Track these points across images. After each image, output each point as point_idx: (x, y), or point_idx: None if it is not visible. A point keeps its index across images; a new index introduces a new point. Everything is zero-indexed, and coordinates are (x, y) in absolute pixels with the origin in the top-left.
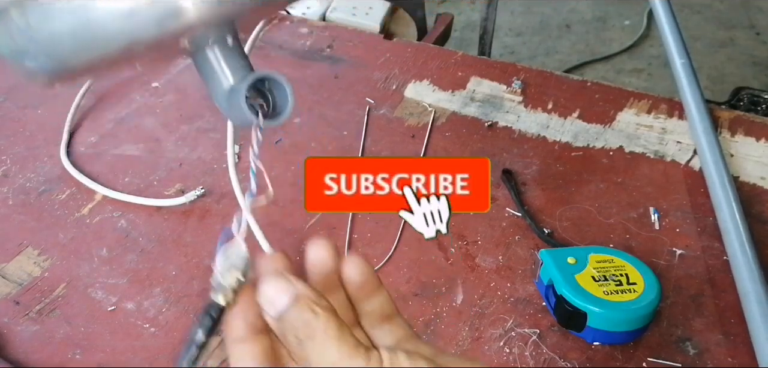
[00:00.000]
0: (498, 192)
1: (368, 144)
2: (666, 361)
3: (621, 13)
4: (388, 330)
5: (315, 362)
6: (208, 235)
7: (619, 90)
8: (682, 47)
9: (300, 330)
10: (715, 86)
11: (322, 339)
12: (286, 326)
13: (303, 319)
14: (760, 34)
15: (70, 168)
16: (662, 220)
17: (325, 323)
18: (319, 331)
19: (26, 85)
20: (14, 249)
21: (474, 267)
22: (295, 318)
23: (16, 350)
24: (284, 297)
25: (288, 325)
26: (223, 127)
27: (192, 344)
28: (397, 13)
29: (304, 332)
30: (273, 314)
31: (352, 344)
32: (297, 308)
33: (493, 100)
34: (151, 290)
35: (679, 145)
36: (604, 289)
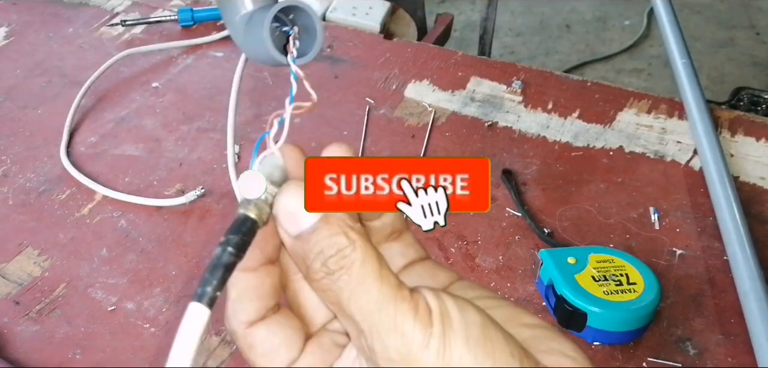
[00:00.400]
0: (498, 192)
1: (368, 144)
2: (666, 361)
3: (621, 13)
4: (397, 251)
5: (345, 300)
6: (208, 235)
7: (619, 90)
8: (682, 47)
9: (332, 258)
10: (715, 86)
11: (359, 275)
12: (311, 249)
13: (336, 244)
14: (760, 34)
15: (70, 168)
16: (662, 220)
17: (363, 254)
18: (357, 263)
19: (26, 85)
20: (14, 249)
21: (474, 267)
22: (326, 241)
23: (16, 350)
24: (312, 214)
25: (314, 249)
26: (223, 126)
27: (219, 265)
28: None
29: (337, 261)
30: (295, 230)
31: (394, 284)
32: (329, 229)
33: (493, 100)
34: (151, 290)
35: (679, 145)
36: (604, 289)
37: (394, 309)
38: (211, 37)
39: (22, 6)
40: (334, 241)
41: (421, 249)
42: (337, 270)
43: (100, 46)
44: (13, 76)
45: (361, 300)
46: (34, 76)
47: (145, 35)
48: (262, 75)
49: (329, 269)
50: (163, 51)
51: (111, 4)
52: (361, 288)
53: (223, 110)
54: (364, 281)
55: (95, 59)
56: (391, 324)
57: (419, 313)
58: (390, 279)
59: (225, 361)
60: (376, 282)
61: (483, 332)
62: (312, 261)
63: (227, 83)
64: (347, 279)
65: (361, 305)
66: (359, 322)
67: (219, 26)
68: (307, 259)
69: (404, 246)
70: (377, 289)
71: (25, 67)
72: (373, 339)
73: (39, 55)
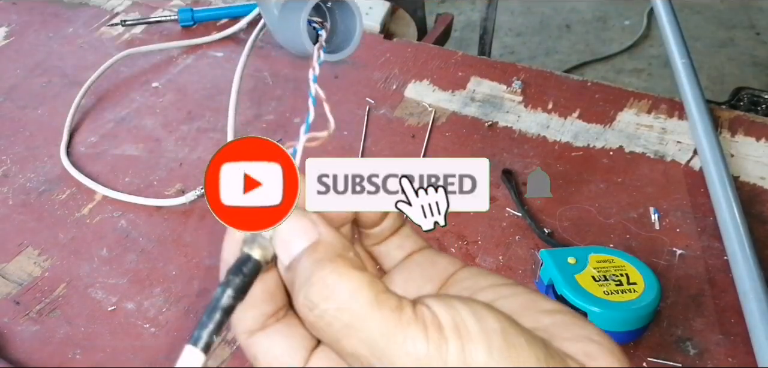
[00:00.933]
0: (498, 192)
1: (368, 144)
2: (666, 361)
3: (621, 13)
4: (395, 244)
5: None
6: (209, 235)
7: (619, 90)
8: (683, 47)
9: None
10: (715, 86)
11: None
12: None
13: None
14: (760, 34)
15: (70, 168)
16: (662, 220)
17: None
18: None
19: (26, 85)
20: (14, 249)
21: None
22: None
23: (16, 350)
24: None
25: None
26: (223, 126)
27: (216, 308)
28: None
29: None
30: (286, 260)
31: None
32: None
33: (493, 100)
34: (151, 290)
35: (680, 145)
36: (604, 289)
37: (403, 334)
38: (211, 37)
39: (22, 6)
40: (316, 270)
41: (420, 239)
42: (321, 303)
43: (100, 46)
44: (13, 76)
45: (362, 334)
46: (34, 76)
47: (145, 35)
48: (262, 75)
49: (312, 303)
50: (163, 51)
51: (111, 4)
52: (358, 322)
53: (223, 110)
54: (358, 313)
55: (95, 59)
56: (401, 351)
57: (430, 330)
58: (388, 302)
59: (225, 361)
60: (374, 310)
61: (505, 339)
62: (297, 293)
63: (227, 83)
64: (335, 314)
65: (362, 338)
66: (366, 357)
67: (219, 26)
68: (294, 293)
69: (402, 238)
70: (378, 318)
71: (25, 67)
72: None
73: (39, 55)
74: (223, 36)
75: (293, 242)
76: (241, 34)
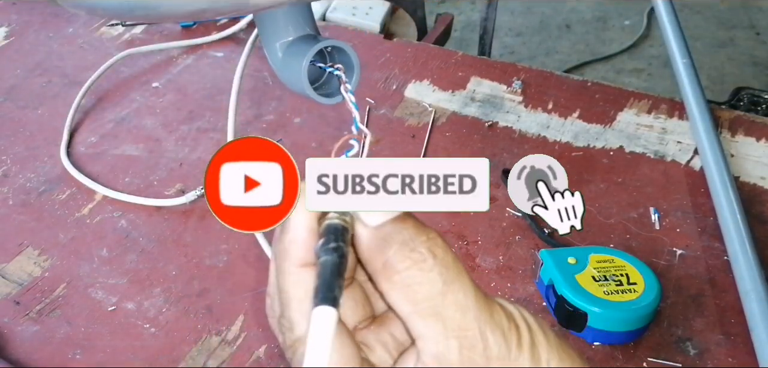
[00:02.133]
0: (498, 193)
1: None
2: (666, 361)
3: (621, 13)
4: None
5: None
6: (208, 235)
7: (619, 90)
8: (683, 47)
9: (422, 246)
10: (715, 86)
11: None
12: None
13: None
14: (760, 34)
15: (70, 168)
16: (662, 220)
17: (453, 254)
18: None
19: (26, 85)
20: (14, 249)
21: (474, 267)
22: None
23: (16, 350)
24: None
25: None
26: (223, 127)
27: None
28: (397, 13)
29: (428, 249)
30: (375, 222)
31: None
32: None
33: (493, 100)
34: (151, 290)
35: (680, 145)
36: (604, 289)
37: (491, 306)
38: (211, 37)
39: (22, 6)
40: (422, 231)
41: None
42: (431, 259)
43: (100, 46)
44: (13, 76)
45: (459, 295)
46: (34, 76)
47: (145, 35)
48: (262, 75)
49: (420, 257)
50: (163, 51)
51: None
52: (458, 283)
53: (223, 110)
54: (460, 276)
55: (95, 59)
56: (491, 324)
57: (506, 311)
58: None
59: (225, 361)
60: (471, 283)
61: (557, 339)
62: (396, 251)
63: (227, 83)
64: (443, 271)
65: (458, 299)
66: (456, 319)
67: (219, 26)
68: (388, 250)
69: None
70: (473, 286)
71: (25, 67)
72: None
73: (39, 55)
74: (223, 36)
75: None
76: (241, 34)
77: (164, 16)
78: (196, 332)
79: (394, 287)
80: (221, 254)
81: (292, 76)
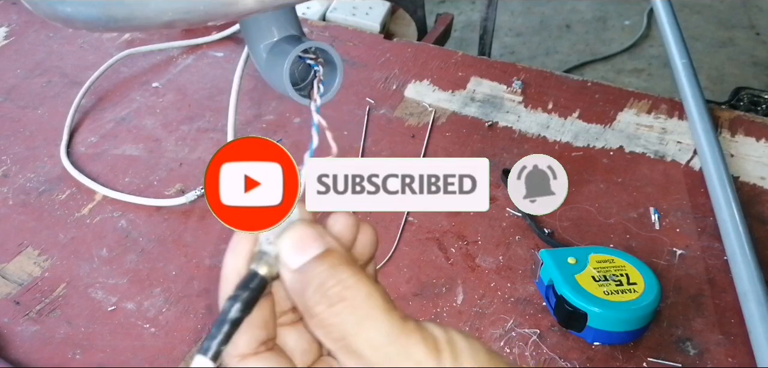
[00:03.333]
0: (498, 193)
1: (368, 144)
2: (666, 361)
3: (621, 13)
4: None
5: (351, 333)
6: (208, 235)
7: (619, 90)
8: (682, 47)
9: (333, 288)
10: (715, 86)
11: (365, 307)
12: (311, 281)
13: (337, 275)
14: (760, 34)
15: (70, 168)
16: (662, 220)
17: (367, 287)
18: (362, 295)
19: (26, 85)
20: (14, 249)
21: (474, 267)
22: (327, 272)
23: (16, 350)
24: (315, 246)
25: (315, 281)
26: (223, 126)
27: (224, 321)
28: (397, 13)
29: (339, 293)
30: (296, 263)
31: (401, 317)
32: (331, 260)
33: (493, 100)
34: (151, 290)
35: (680, 145)
36: (604, 289)
37: (406, 339)
38: (211, 37)
39: (22, 6)
40: (336, 272)
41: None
42: (339, 303)
43: (100, 46)
44: (13, 76)
45: (370, 333)
46: (34, 76)
47: (145, 35)
48: None
49: (331, 300)
50: (163, 51)
51: None
52: (369, 322)
53: (223, 110)
54: (371, 313)
55: (95, 59)
56: (404, 354)
57: (428, 342)
58: (395, 312)
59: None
60: (384, 314)
61: (489, 356)
62: (312, 293)
63: (227, 83)
64: (352, 311)
65: (369, 338)
66: (369, 357)
67: (219, 26)
68: (306, 293)
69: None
70: (387, 321)
71: (25, 67)
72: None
73: (39, 55)
74: (223, 36)
75: (307, 248)
76: (241, 34)
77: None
78: (196, 332)
79: (316, 328)
80: (221, 254)
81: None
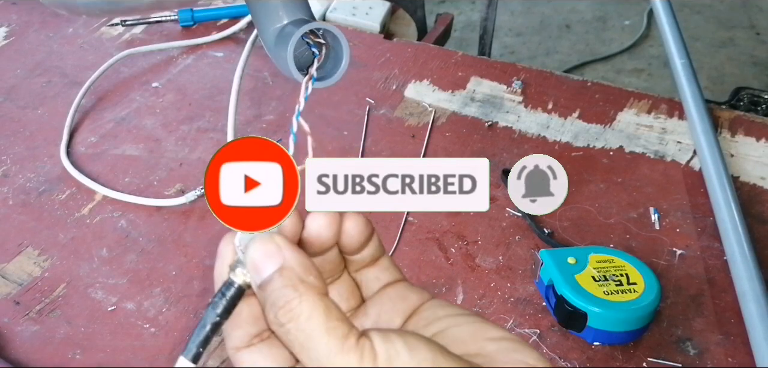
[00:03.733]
0: (498, 193)
1: (368, 144)
2: (666, 361)
3: (621, 13)
4: (372, 276)
5: (298, 351)
6: (208, 235)
7: (619, 90)
8: (682, 47)
9: (281, 310)
10: (715, 86)
11: (306, 326)
12: (266, 300)
13: (284, 297)
14: (760, 34)
15: (70, 168)
16: (662, 220)
17: (310, 306)
18: (303, 317)
19: (26, 85)
20: (14, 249)
21: (474, 267)
22: (277, 293)
23: (16, 350)
24: (270, 265)
25: (268, 300)
26: (223, 126)
27: (204, 325)
28: (397, 13)
29: (285, 314)
30: (256, 281)
31: (341, 334)
32: (281, 280)
33: (493, 100)
34: (151, 290)
35: (680, 145)
36: (604, 289)
37: (341, 358)
38: (211, 37)
39: (22, 6)
40: (282, 294)
41: (397, 271)
42: (287, 323)
43: (100, 46)
44: (13, 76)
45: (311, 352)
46: (34, 76)
47: (145, 35)
48: (262, 75)
49: (279, 321)
50: (163, 51)
51: None
52: (309, 341)
53: (223, 110)
54: (311, 335)
55: (95, 59)
56: None
57: (364, 359)
58: (337, 329)
59: (225, 361)
60: (323, 335)
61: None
62: (268, 310)
63: (227, 83)
64: (296, 333)
65: (310, 356)
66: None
67: (219, 26)
68: (266, 309)
69: (379, 270)
70: (325, 343)
71: (25, 67)
72: None
73: (39, 55)
74: (223, 36)
75: (262, 266)
76: (241, 34)
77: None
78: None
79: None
80: None
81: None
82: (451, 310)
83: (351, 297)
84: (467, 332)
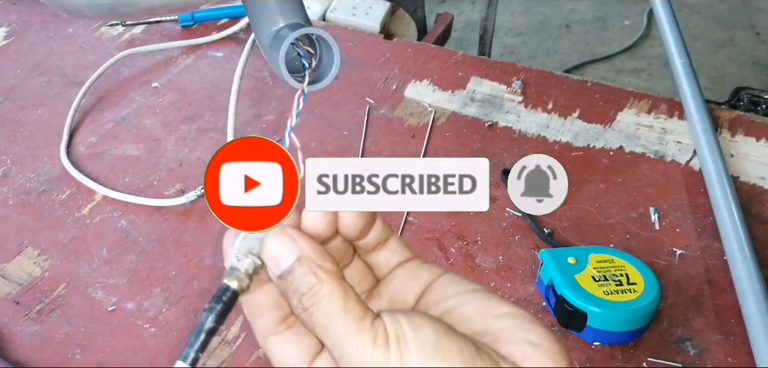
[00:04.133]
0: (498, 193)
1: (368, 144)
2: (666, 361)
3: (621, 13)
4: (383, 258)
5: (320, 332)
6: (208, 235)
7: (619, 90)
8: (682, 47)
9: (304, 295)
10: (715, 86)
11: (326, 308)
12: (289, 288)
13: (307, 283)
14: (760, 34)
15: (70, 168)
16: (662, 220)
17: (329, 290)
18: (324, 299)
19: (26, 85)
20: (14, 249)
21: (474, 267)
22: (300, 280)
23: (16, 350)
24: (288, 255)
25: (291, 288)
26: (223, 126)
27: (201, 331)
28: (397, 13)
29: (309, 298)
30: (276, 272)
31: (357, 315)
32: (301, 269)
33: (493, 100)
34: (151, 290)
35: (679, 145)
36: (604, 289)
37: (357, 338)
38: (211, 37)
39: (22, 6)
40: (305, 281)
41: (407, 251)
42: (310, 307)
43: (100, 46)
44: (13, 76)
45: (331, 332)
46: (34, 76)
47: (145, 35)
48: (262, 75)
49: (303, 305)
50: (163, 51)
51: None
52: (329, 322)
53: (223, 110)
54: (330, 315)
55: (95, 59)
56: (355, 351)
57: (378, 339)
58: (354, 311)
59: (225, 361)
60: (340, 315)
61: (436, 348)
62: (290, 298)
63: (227, 83)
64: (318, 315)
65: (330, 336)
66: (332, 351)
67: (219, 26)
68: (289, 298)
69: (389, 252)
70: (342, 322)
71: (25, 67)
72: (343, 363)
73: (39, 55)
74: (223, 36)
75: (281, 258)
76: (241, 34)
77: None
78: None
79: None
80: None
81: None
82: (459, 287)
83: (363, 281)
84: (474, 309)
